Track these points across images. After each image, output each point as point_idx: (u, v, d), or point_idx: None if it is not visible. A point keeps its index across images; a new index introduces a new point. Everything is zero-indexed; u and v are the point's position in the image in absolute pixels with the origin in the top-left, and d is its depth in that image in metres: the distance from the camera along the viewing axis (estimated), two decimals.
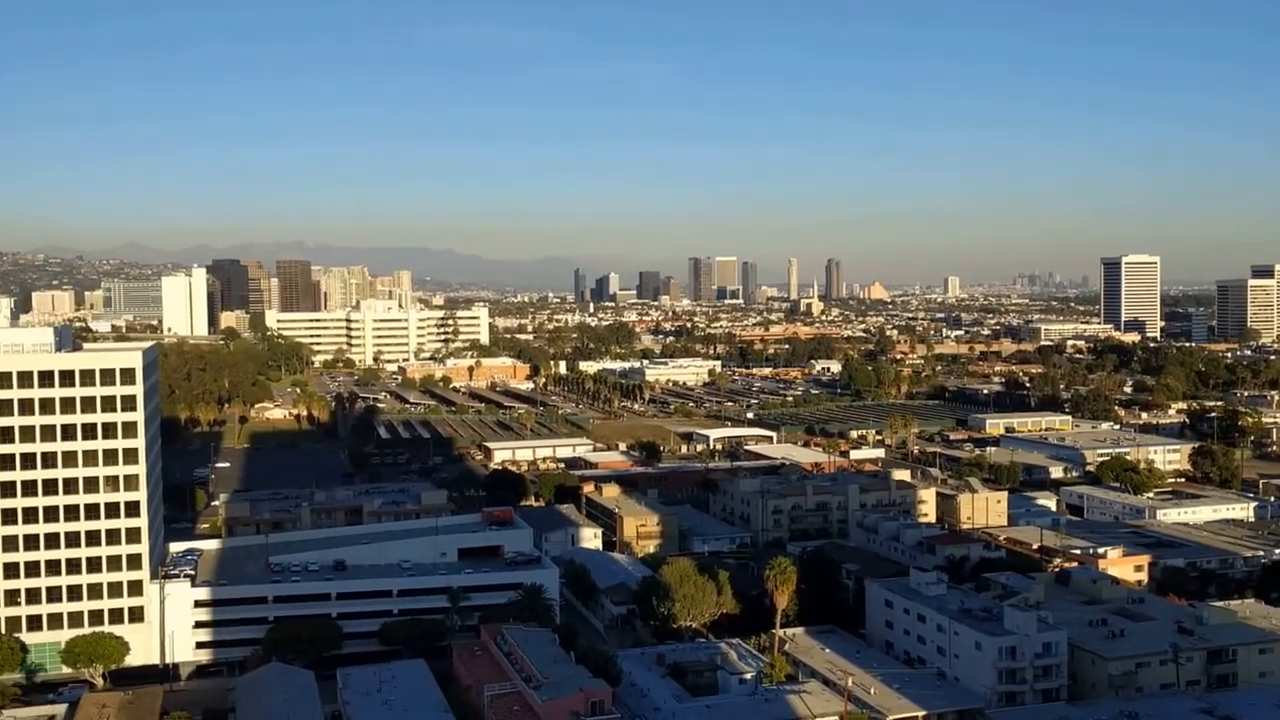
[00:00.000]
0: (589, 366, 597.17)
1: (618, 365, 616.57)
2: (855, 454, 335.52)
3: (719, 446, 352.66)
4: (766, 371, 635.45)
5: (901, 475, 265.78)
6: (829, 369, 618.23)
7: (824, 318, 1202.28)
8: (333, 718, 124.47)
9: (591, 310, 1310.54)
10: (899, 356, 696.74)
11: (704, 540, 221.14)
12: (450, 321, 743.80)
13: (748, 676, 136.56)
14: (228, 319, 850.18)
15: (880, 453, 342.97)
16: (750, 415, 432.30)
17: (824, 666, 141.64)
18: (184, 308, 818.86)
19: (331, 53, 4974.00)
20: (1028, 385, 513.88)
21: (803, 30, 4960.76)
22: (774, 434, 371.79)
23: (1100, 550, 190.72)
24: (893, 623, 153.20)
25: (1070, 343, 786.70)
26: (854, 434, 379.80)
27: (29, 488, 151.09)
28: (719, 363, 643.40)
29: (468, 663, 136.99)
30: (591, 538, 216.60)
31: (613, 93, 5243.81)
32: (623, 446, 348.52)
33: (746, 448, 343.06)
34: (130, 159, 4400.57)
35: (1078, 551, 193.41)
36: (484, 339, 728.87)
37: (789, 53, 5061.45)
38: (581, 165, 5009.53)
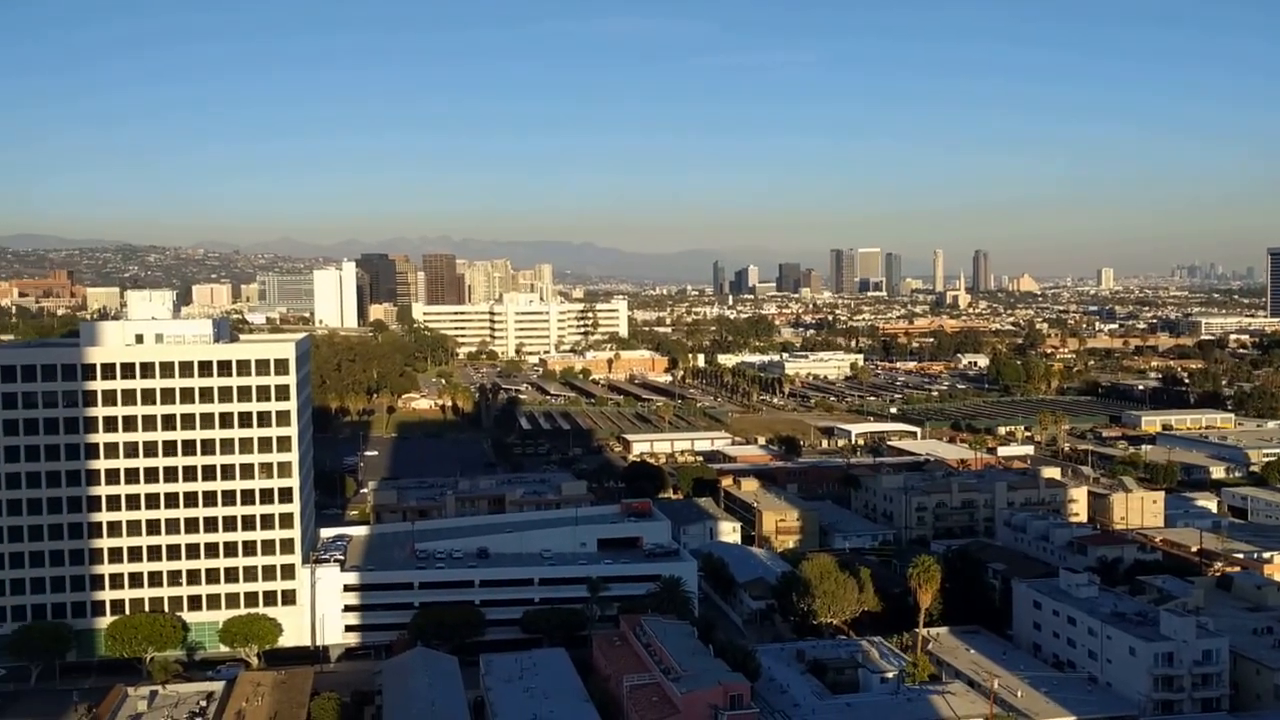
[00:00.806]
0: (728, 359, 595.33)
1: (757, 358, 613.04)
2: (1003, 451, 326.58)
3: (861, 442, 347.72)
4: (910, 366, 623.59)
5: (1051, 473, 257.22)
6: (975, 363, 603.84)
7: (970, 310, 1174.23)
8: (475, 703, 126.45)
9: (730, 303, 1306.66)
10: (1049, 351, 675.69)
11: (845, 537, 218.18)
12: (590, 314, 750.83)
13: (890, 675, 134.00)
14: (376, 311, 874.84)
15: (1029, 450, 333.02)
16: (893, 410, 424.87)
17: (968, 667, 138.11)
18: (335, 300, 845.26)
19: (481, 45, 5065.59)
20: (1186, 381, 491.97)
21: (950, 18, 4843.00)
22: (918, 430, 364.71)
23: (1266, 555, 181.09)
24: (1041, 624, 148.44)
25: (1233, 337, 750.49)
26: (1001, 430, 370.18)
27: (190, 473, 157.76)
28: (861, 356, 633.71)
29: (607, 653, 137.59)
30: (730, 531, 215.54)
31: (754, 83, 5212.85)
32: (762, 440, 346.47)
33: (889, 443, 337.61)
34: (285, 157, 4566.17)
35: (1241, 556, 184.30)
36: (623, 332, 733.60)
37: (932, 44, 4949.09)
38: (722, 157, 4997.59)
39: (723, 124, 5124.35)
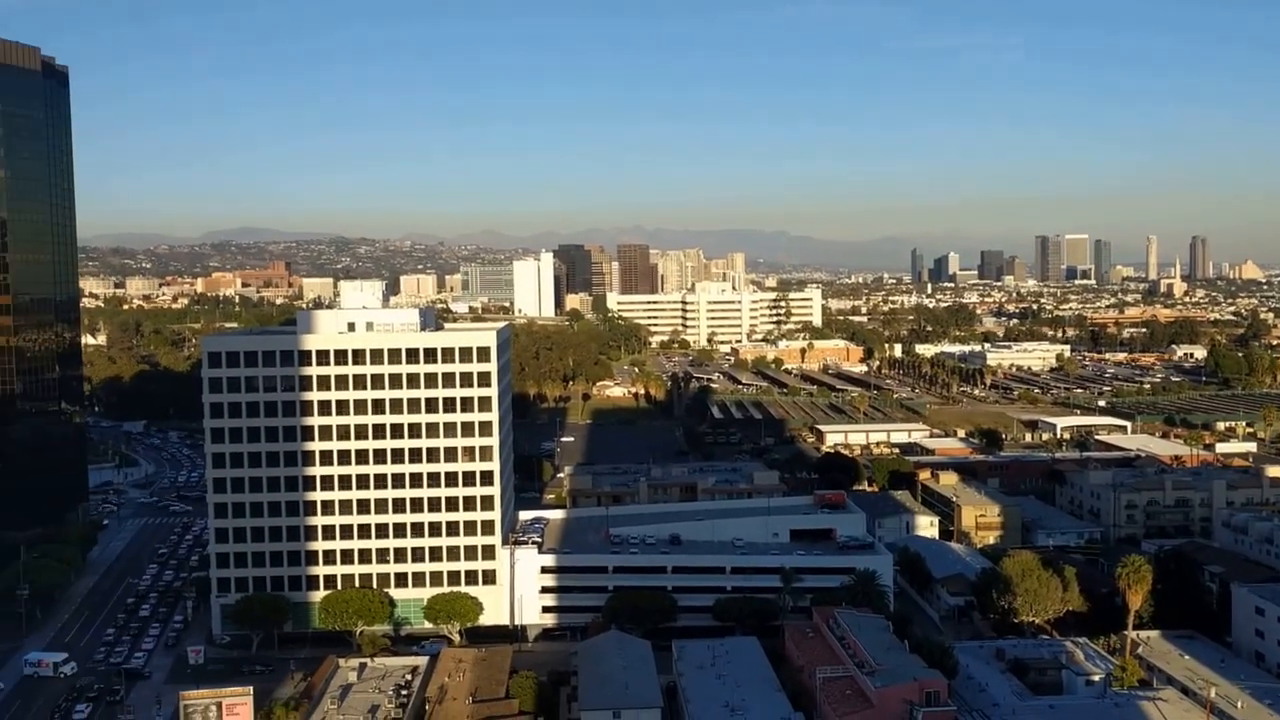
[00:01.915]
0: (926, 349, 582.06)
1: (956, 348, 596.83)
2: (1221, 447, 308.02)
3: (1066, 436, 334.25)
4: (1121, 357, 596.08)
5: (1276, 472, 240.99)
6: (1192, 355, 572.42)
7: (1186, 299, 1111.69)
8: (668, 688, 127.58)
9: (929, 291, 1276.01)
10: (1275, 342, 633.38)
11: (1048, 534, 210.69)
12: (782, 303, 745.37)
13: (1096, 678, 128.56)
14: (572, 301, 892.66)
15: (1251, 447, 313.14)
16: (1102, 403, 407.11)
17: (1182, 674, 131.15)
18: (533, 290, 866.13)
19: (675, 34, 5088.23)
20: None
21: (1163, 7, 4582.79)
22: (1128, 424, 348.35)
23: None
24: (1264, 632, 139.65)
25: None
26: (1220, 426, 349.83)
27: (397, 456, 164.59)
28: (1068, 347, 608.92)
29: (799, 643, 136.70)
30: (927, 526, 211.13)
31: (954, 68, 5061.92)
32: (961, 433, 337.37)
33: (1097, 438, 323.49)
34: (487, 150, 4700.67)
35: None
36: (816, 321, 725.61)
37: (1145, 35, 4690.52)
38: (920, 142, 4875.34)
39: (920, 109, 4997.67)
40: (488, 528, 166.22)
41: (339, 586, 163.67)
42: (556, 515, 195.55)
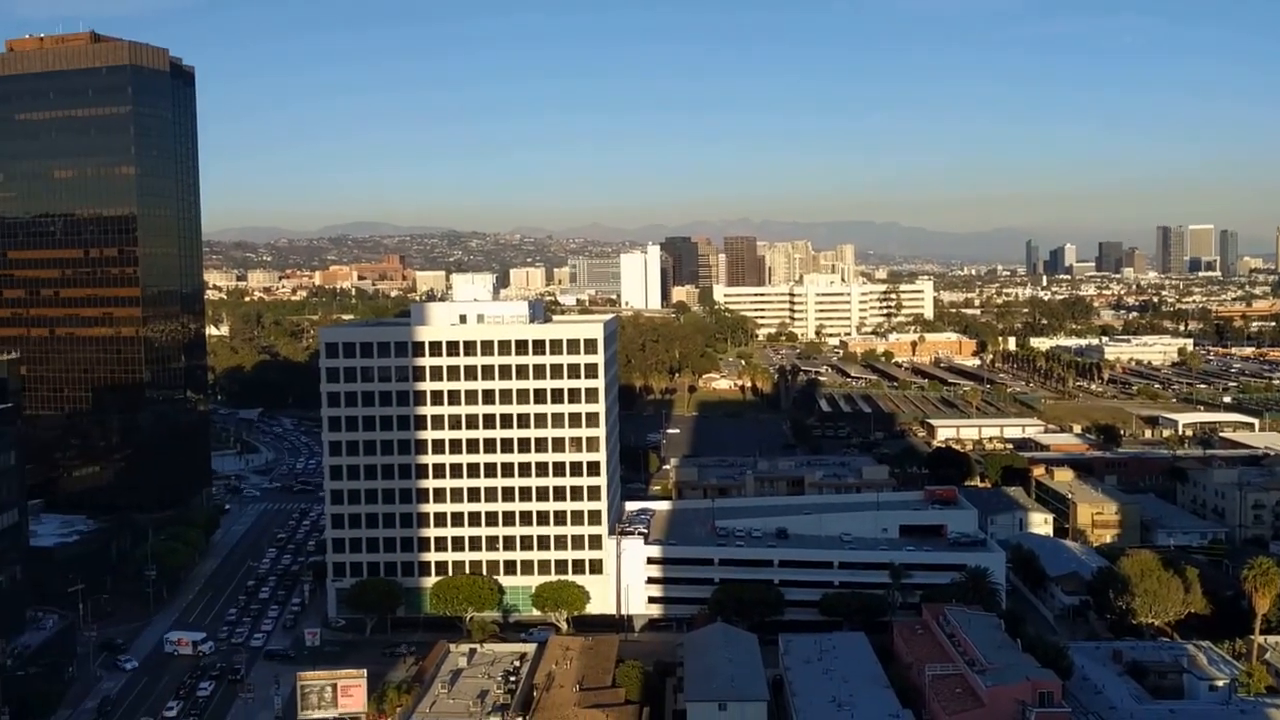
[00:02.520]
0: (1040, 343, 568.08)
1: (1073, 342, 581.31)
2: None
3: (1189, 433, 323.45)
4: (1248, 351, 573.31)
5: None
6: None
7: None
8: (774, 681, 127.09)
9: (1044, 283, 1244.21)
10: None
11: (1169, 533, 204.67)
12: (893, 295, 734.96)
13: (1220, 683, 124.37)
14: (679, 293, 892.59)
15: None
16: (1227, 399, 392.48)
17: None
18: (640, 282, 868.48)
19: (790, 25, 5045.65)
20: None
21: None
22: (1255, 421, 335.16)
23: None
24: None
25: None
26: None
27: (505, 445, 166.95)
28: (1190, 341, 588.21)
29: (908, 640, 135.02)
30: (1041, 523, 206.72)
31: (1068, 56, 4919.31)
32: (1077, 429, 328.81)
33: (1222, 435, 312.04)
34: (592, 142, 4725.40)
35: None
36: (928, 313, 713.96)
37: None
38: (1034, 131, 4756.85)
39: (1038, 98, 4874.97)
40: (595, 518, 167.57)
41: (449, 573, 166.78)
42: (662, 507, 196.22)
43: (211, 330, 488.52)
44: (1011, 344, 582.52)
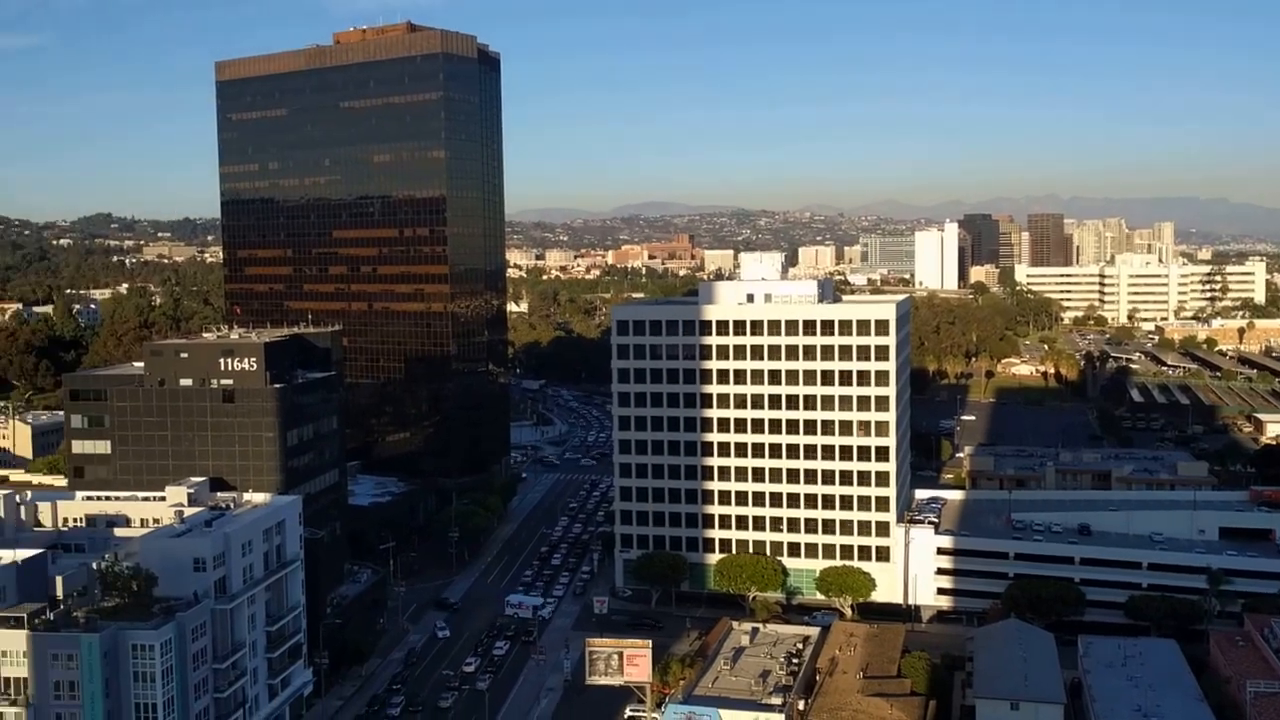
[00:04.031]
0: None
1: None
2: None
3: None
4: None
5: None
6: None
7: None
8: (1072, 684, 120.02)
9: None
10: None
11: None
12: (1218, 277, 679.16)
13: None
14: (977, 273, 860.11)
15: None
16: None
17: None
18: (935, 262, 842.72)
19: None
20: None
21: None
22: None
23: None
24: None
25: None
26: None
27: (792, 427, 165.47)
28: None
29: (1227, 652, 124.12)
30: None
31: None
32: None
33: None
34: (886, 120, 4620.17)
35: None
36: (1258, 298, 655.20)
37: None
38: None
39: None
40: (882, 504, 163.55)
41: (733, 551, 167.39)
42: (955, 496, 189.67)
43: (512, 307, 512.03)
44: None
